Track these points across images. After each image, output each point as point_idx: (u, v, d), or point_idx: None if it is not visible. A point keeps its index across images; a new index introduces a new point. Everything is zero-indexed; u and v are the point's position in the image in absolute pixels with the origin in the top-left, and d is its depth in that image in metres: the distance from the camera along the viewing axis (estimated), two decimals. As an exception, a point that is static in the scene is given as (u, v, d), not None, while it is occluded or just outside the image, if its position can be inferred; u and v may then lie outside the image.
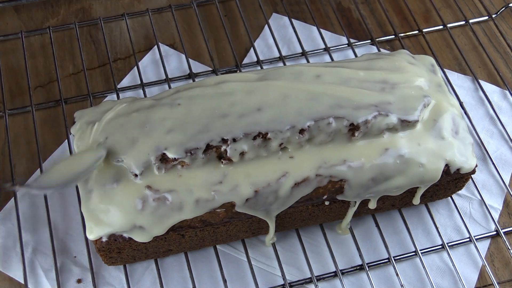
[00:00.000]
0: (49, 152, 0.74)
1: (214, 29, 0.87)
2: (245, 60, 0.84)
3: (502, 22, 0.89)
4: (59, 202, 0.70)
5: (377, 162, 0.60)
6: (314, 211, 0.64)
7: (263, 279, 0.66)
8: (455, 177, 0.65)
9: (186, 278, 0.65)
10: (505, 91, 0.82)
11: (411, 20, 0.89)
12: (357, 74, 0.63)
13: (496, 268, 0.68)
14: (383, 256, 0.68)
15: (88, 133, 0.60)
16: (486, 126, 0.78)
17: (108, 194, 0.57)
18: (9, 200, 0.70)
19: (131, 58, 0.83)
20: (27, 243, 0.67)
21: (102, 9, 0.88)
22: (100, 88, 0.80)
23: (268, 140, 0.58)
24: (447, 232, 0.70)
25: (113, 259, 0.63)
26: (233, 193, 0.58)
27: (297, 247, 0.68)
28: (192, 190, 0.58)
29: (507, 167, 0.75)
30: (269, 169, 0.59)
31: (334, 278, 0.66)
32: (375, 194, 0.62)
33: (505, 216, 0.72)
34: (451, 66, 0.84)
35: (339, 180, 0.60)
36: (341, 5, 0.91)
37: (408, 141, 0.61)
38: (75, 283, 0.65)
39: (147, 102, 0.62)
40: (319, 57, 0.84)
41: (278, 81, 0.62)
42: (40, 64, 0.82)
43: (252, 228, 0.65)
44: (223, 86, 0.62)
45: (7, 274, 0.65)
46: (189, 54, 0.84)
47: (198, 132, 0.58)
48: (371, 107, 0.60)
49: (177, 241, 0.63)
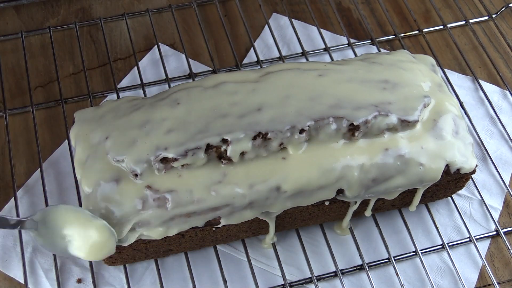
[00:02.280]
0: (49, 152, 0.74)
1: (214, 29, 0.87)
2: (245, 60, 0.84)
3: (502, 22, 0.89)
4: (59, 202, 0.70)
5: (377, 162, 0.60)
6: (314, 211, 0.64)
7: (263, 279, 0.66)
8: (455, 177, 0.65)
9: (186, 278, 0.65)
10: (505, 91, 0.82)
11: (411, 20, 0.89)
12: (357, 74, 0.63)
13: (496, 268, 0.68)
14: (383, 256, 0.68)
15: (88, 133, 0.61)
16: (486, 126, 0.78)
17: (108, 194, 0.57)
18: (9, 200, 0.70)
19: (131, 58, 0.83)
20: (27, 243, 0.67)
21: (102, 9, 0.88)
22: (100, 88, 0.80)
23: (268, 140, 0.58)
24: (447, 232, 0.70)
25: (113, 259, 0.63)
26: (233, 193, 0.58)
27: (297, 247, 0.68)
28: (192, 190, 0.58)
29: (507, 167, 0.75)
30: (269, 169, 0.59)
31: (334, 278, 0.66)
32: (375, 194, 0.62)
33: (505, 216, 0.72)
34: (451, 66, 0.84)
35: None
36: (341, 5, 0.91)
37: (408, 141, 0.61)
38: (75, 283, 0.65)
39: (147, 102, 0.62)
40: (319, 57, 0.84)
41: (278, 81, 0.62)
42: (40, 64, 0.82)
43: (252, 228, 0.65)
44: (223, 86, 0.62)
45: (7, 274, 0.65)
46: (189, 54, 0.84)
47: (198, 132, 0.58)
48: (371, 107, 0.60)
49: (177, 241, 0.63)
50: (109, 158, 0.58)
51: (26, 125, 0.76)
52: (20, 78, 0.81)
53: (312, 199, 0.60)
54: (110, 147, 0.58)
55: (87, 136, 0.60)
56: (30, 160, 0.73)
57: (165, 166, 0.58)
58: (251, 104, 0.60)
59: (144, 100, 0.63)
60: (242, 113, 0.59)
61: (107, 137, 0.59)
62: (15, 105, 0.78)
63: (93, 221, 0.56)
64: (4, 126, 0.75)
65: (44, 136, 0.75)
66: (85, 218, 0.56)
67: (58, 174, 0.72)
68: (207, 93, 0.61)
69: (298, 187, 0.59)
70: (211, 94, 0.61)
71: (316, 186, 0.59)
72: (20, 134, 0.75)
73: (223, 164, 0.59)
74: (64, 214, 0.56)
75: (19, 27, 0.86)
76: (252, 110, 0.59)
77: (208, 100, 0.60)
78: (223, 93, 0.61)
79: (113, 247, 0.57)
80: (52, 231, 0.56)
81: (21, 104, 0.78)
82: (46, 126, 0.76)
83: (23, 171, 0.72)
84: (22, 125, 0.76)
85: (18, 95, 0.79)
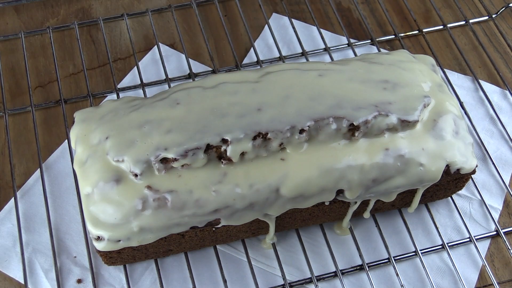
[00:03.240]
0: (49, 152, 0.74)
1: (214, 29, 0.87)
2: (245, 60, 0.84)
3: (502, 22, 0.89)
4: (59, 202, 0.70)
5: (377, 162, 0.60)
6: (314, 211, 0.64)
7: (263, 279, 0.66)
8: (455, 177, 0.65)
9: (186, 278, 0.65)
10: (505, 91, 0.82)
11: (411, 20, 0.89)
12: (357, 74, 0.63)
13: (496, 268, 0.68)
14: (383, 256, 0.68)
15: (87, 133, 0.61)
16: (486, 126, 0.78)
17: (108, 194, 0.57)
18: (9, 200, 0.70)
19: (131, 58, 0.83)
20: (27, 243, 0.67)
21: (102, 9, 0.88)
22: (100, 88, 0.80)
23: (268, 140, 0.58)
24: (447, 232, 0.70)
25: (113, 259, 0.63)
26: (233, 193, 0.58)
27: (297, 247, 0.68)
28: (192, 190, 0.57)
29: (507, 167, 0.75)
30: (269, 169, 0.59)
31: (334, 278, 0.66)
32: (375, 194, 0.62)
33: (505, 216, 0.72)
34: (451, 66, 0.84)
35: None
36: (341, 5, 0.91)
37: (408, 141, 0.61)
38: (75, 283, 0.65)
39: (147, 102, 0.62)
40: (319, 57, 0.84)
41: (278, 81, 0.62)
42: (40, 64, 0.82)
43: (252, 228, 0.65)
44: (223, 86, 0.62)
45: (7, 274, 0.65)
46: (189, 54, 0.84)
47: (198, 132, 0.58)
48: (371, 107, 0.60)
49: (177, 241, 0.63)
50: (109, 158, 0.58)
51: (26, 125, 0.76)
52: (20, 78, 0.81)
53: (312, 201, 0.60)
54: (110, 147, 0.58)
55: (87, 136, 0.60)
56: (30, 160, 0.73)
57: (165, 166, 0.58)
58: (251, 104, 0.59)
59: (144, 100, 0.63)
60: (242, 113, 0.59)
61: (107, 137, 0.59)
62: (15, 105, 0.78)
63: None
64: (4, 126, 0.75)
65: (44, 136, 0.75)
66: None
67: (58, 174, 0.72)
68: (207, 93, 0.61)
69: (298, 187, 0.59)
70: (211, 94, 0.61)
71: (316, 186, 0.59)
72: (20, 134, 0.75)
73: (223, 164, 0.59)
74: None
75: (19, 27, 0.86)
76: (252, 110, 0.59)
77: (208, 100, 0.60)
78: (223, 93, 0.61)
79: None
80: None
81: (21, 104, 0.78)
82: (46, 126, 0.76)
83: (23, 171, 0.72)
84: (22, 125, 0.76)
85: (18, 95, 0.79)
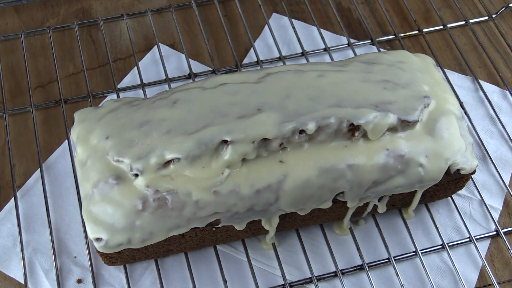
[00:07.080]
0: (49, 152, 0.74)
1: (214, 29, 0.87)
2: (245, 60, 0.84)
3: (502, 22, 0.89)
4: (59, 202, 0.70)
5: (377, 162, 0.60)
6: (314, 211, 0.64)
7: (263, 279, 0.66)
8: (455, 177, 0.65)
9: (186, 278, 0.65)
10: (505, 91, 0.82)
11: (411, 20, 0.89)
12: (357, 74, 0.63)
13: (496, 268, 0.68)
14: (383, 256, 0.68)
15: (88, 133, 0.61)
16: (486, 126, 0.78)
17: (108, 194, 0.57)
18: (9, 200, 0.70)
19: (131, 58, 0.83)
20: (27, 243, 0.67)
21: (102, 9, 0.88)
22: (100, 88, 0.80)
23: (268, 140, 0.58)
24: (447, 232, 0.70)
25: (113, 259, 0.63)
26: (233, 194, 0.58)
27: (297, 247, 0.68)
28: (192, 191, 0.57)
29: (507, 167, 0.75)
30: (269, 170, 0.59)
31: (334, 278, 0.66)
32: (376, 194, 0.62)
33: (505, 216, 0.72)
34: (451, 66, 0.84)
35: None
36: (341, 5, 0.91)
37: (409, 141, 0.61)
38: (75, 283, 0.65)
39: (147, 102, 0.62)
40: (319, 57, 0.84)
41: (278, 81, 0.62)
42: (40, 64, 0.82)
43: (252, 228, 0.65)
44: (223, 87, 0.62)
45: (7, 274, 0.65)
46: (189, 54, 0.84)
47: (198, 132, 0.58)
48: (371, 107, 0.60)
49: (177, 241, 0.63)
50: (109, 158, 0.58)
51: (26, 125, 0.76)
52: (20, 78, 0.81)
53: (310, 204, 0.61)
54: (110, 147, 0.58)
55: (87, 136, 0.60)
56: (30, 160, 0.73)
57: (165, 166, 0.57)
58: (251, 105, 0.59)
59: (144, 100, 0.63)
60: (242, 114, 0.59)
61: (107, 137, 0.59)
62: (15, 105, 0.78)
63: None
64: (4, 126, 0.75)
65: (44, 136, 0.75)
66: None
67: (58, 174, 0.72)
68: (207, 93, 0.61)
69: (298, 187, 0.59)
70: (211, 95, 0.61)
71: (316, 186, 0.59)
72: (20, 134, 0.75)
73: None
74: None
75: (19, 27, 0.86)
76: (252, 110, 0.59)
77: (208, 101, 0.60)
78: (223, 94, 0.61)
79: None
80: None
81: (21, 104, 0.78)
82: (46, 126, 0.76)
83: (23, 171, 0.72)
84: (22, 125, 0.76)
85: (18, 95, 0.79)
